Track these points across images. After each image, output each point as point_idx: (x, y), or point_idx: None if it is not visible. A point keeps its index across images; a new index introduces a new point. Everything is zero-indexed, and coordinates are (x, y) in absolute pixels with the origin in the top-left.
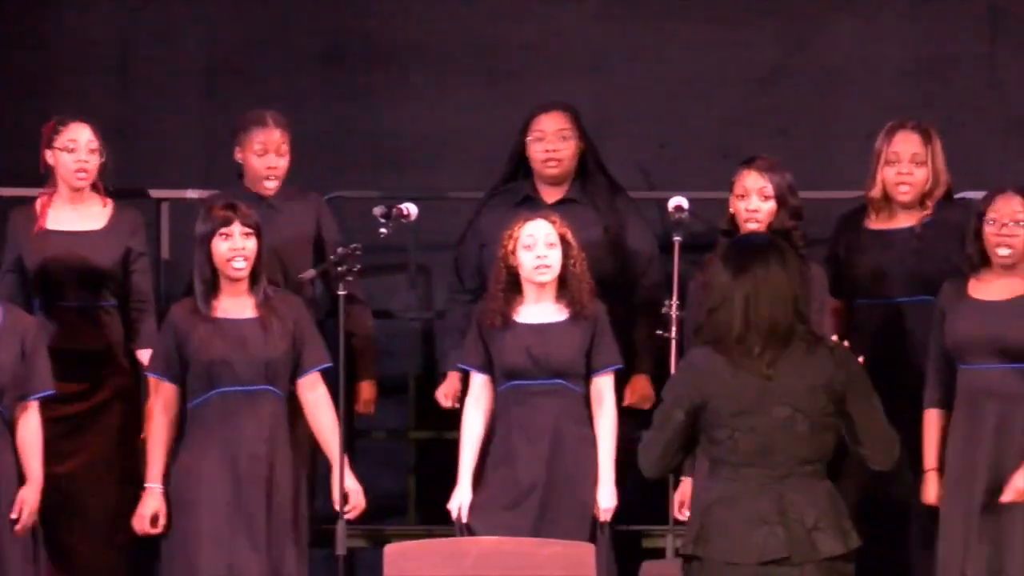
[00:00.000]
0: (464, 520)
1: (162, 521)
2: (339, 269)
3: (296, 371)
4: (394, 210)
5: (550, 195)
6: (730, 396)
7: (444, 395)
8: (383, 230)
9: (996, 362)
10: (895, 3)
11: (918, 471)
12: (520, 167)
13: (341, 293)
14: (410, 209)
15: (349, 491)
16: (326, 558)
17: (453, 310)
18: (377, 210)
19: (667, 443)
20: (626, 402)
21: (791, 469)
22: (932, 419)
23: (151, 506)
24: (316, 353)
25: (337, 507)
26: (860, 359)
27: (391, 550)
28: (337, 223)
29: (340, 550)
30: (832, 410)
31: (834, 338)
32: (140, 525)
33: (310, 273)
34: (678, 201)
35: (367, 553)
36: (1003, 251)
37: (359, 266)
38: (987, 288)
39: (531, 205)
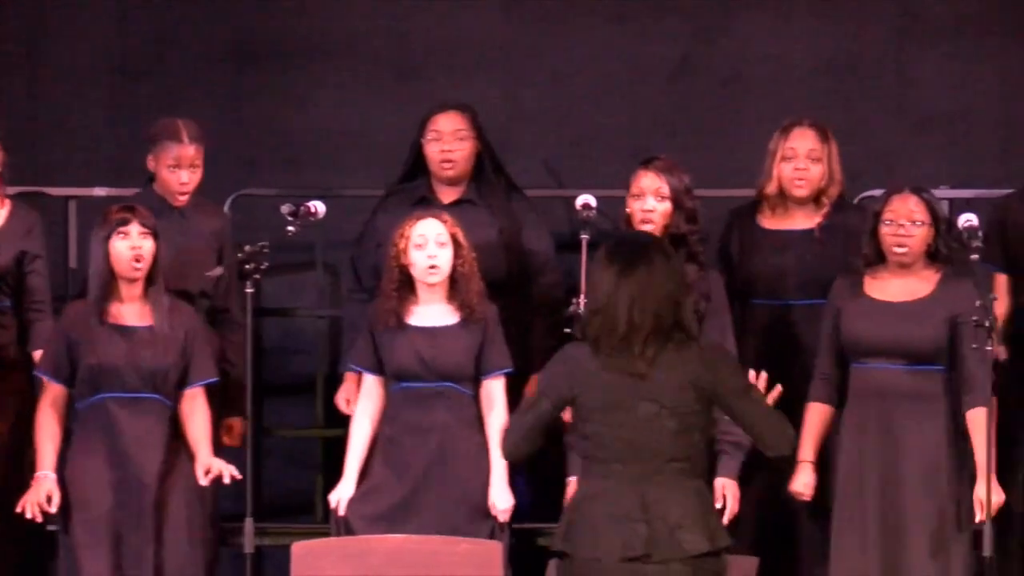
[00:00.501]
0: (341, 513)
1: (56, 502)
2: (246, 267)
3: (183, 381)
4: (301, 208)
5: (447, 195)
6: (599, 392)
7: (344, 400)
8: (290, 228)
9: (892, 362)
10: (804, 1)
11: (819, 472)
12: (418, 167)
13: (249, 291)
14: (317, 207)
15: (212, 465)
16: (234, 557)
17: (350, 310)
18: (284, 208)
19: (529, 428)
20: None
21: (658, 467)
22: (814, 413)
23: (44, 488)
24: (204, 366)
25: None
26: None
27: (299, 548)
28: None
29: (248, 548)
30: (699, 408)
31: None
32: (32, 509)
33: (217, 270)
34: (586, 199)
35: (275, 551)
36: (899, 249)
37: (267, 263)
38: (885, 288)
39: (427, 205)
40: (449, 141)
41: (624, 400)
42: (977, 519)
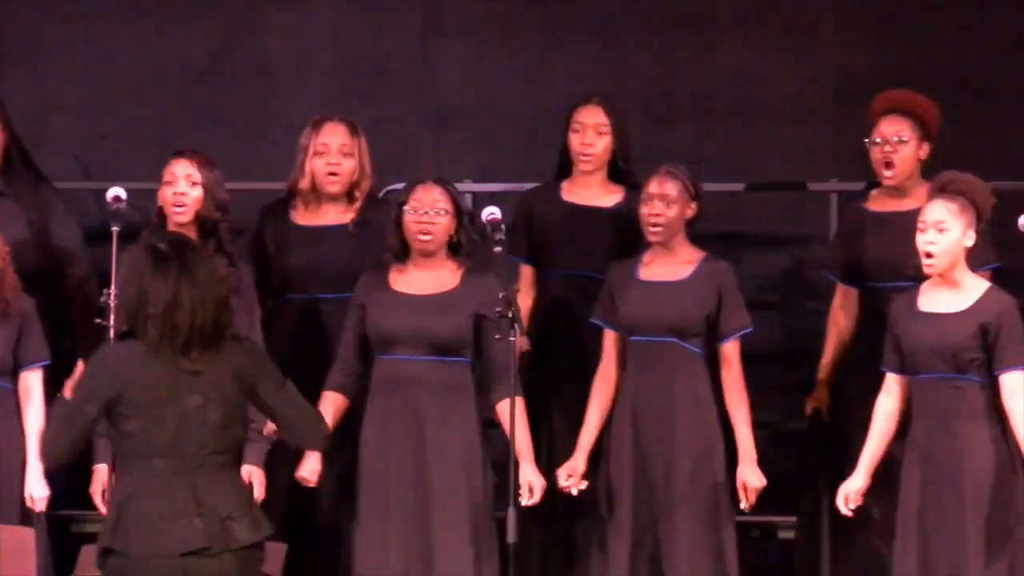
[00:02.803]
0: None
1: None
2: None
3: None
4: None
5: None
6: (146, 389)
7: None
8: None
9: (418, 354)
10: None
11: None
12: None
13: None
14: None
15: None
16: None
17: None
18: None
19: (75, 439)
20: None
21: (204, 459)
22: (328, 401)
23: None
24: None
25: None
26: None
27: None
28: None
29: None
30: (241, 400)
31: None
32: None
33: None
34: (116, 192)
35: None
36: (424, 236)
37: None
38: (410, 281)
39: None
40: None
41: (171, 395)
42: (526, 502)
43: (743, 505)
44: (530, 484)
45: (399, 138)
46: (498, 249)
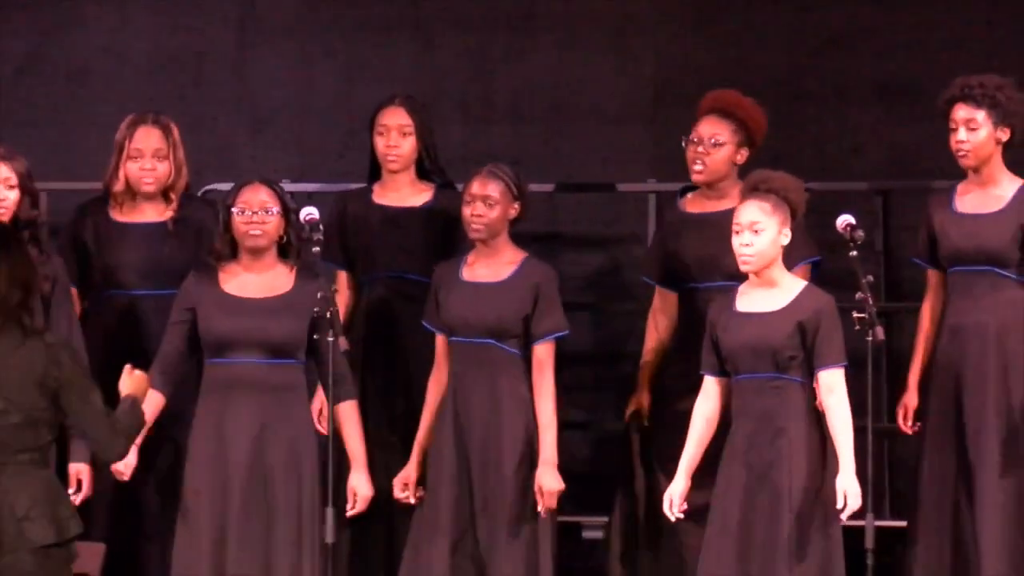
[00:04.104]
0: None
1: None
2: None
3: None
4: None
5: None
6: None
7: None
8: None
9: (251, 356)
10: None
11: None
12: None
13: None
14: None
15: None
16: None
17: None
18: None
19: None
20: None
21: (7, 459)
22: (151, 400)
23: None
24: None
25: None
26: None
27: None
28: None
29: None
30: (46, 404)
31: None
32: None
33: None
34: None
35: None
36: (255, 232)
37: None
38: (241, 283)
39: None
40: None
41: None
42: (350, 511)
43: (540, 508)
44: (354, 492)
45: (216, 138)
46: (316, 250)
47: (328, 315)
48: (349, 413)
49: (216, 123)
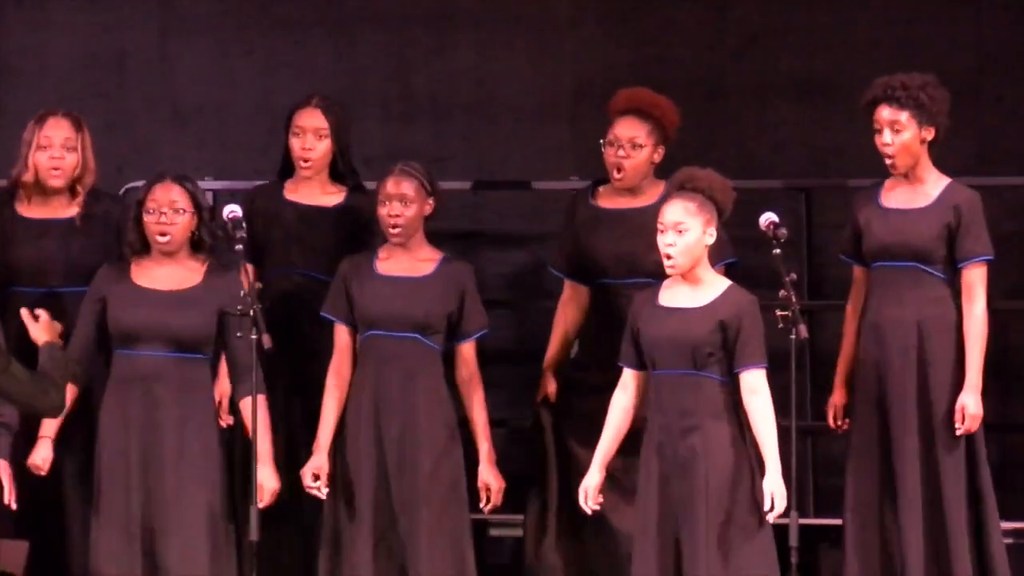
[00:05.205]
0: None
1: None
2: None
3: None
4: None
5: None
6: None
7: None
8: None
9: (158, 349)
10: None
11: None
12: None
13: None
14: None
15: None
16: None
17: None
18: None
19: None
20: None
21: None
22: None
23: None
24: None
25: None
26: None
27: None
28: None
29: None
30: None
31: None
32: None
33: None
34: None
35: None
36: (162, 238)
37: None
38: (152, 276)
39: None
40: None
41: None
42: (260, 504)
43: (483, 505)
44: (262, 486)
45: (138, 135)
46: (239, 247)
47: (252, 313)
48: (258, 407)
49: (138, 121)
